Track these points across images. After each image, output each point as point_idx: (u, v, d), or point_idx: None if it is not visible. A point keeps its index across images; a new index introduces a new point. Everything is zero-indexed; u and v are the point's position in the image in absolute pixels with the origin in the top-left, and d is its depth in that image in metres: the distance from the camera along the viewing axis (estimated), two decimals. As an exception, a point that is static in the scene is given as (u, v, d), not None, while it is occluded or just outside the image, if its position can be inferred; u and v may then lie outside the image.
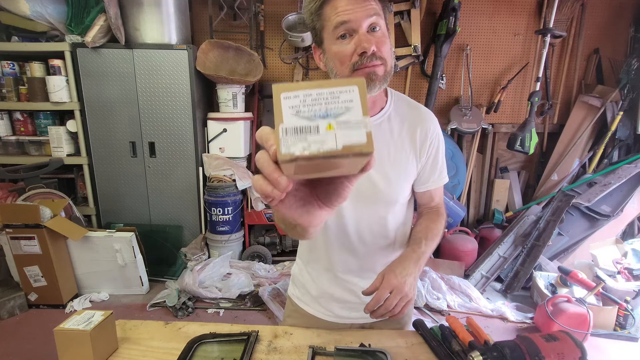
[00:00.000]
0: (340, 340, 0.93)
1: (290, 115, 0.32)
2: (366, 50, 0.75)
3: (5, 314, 2.30)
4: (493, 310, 2.44)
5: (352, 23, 0.75)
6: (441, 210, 1.00)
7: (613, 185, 2.80)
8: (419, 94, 3.26)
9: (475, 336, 0.89)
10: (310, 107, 0.32)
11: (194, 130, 2.81)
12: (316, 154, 0.31)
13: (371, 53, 0.75)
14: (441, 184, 0.98)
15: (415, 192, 0.98)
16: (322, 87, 0.33)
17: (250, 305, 2.50)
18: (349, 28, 0.76)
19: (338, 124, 0.32)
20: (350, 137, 0.32)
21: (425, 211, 1.00)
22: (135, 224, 2.79)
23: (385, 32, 0.79)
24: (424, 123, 0.93)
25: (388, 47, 0.79)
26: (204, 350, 0.89)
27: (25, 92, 2.75)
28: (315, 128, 0.32)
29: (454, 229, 3.10)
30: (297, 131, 0.32)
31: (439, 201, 1.01)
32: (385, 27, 0.79)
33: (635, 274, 2.37)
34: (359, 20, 0.75)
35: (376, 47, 0.76)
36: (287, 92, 0.33)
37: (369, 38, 0.75)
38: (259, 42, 3.10)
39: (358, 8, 0.74)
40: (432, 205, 1.00)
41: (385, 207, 0.92)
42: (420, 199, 1.00)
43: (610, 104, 3.05)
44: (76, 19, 2.61)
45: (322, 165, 0.34)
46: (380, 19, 0.77)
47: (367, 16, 0.75)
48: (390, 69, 0.81)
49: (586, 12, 3.09)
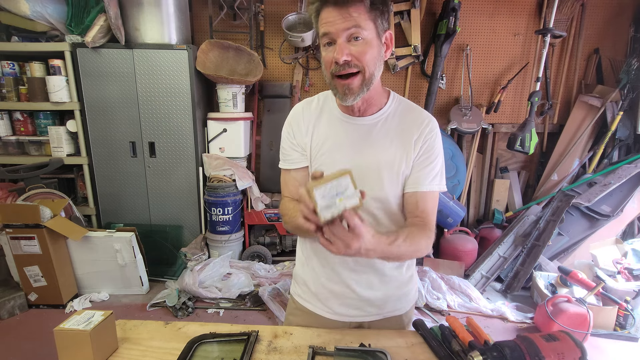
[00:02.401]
0: (340, 340, 0.93)
1: (320, 198, 0.67)
2: (337, 60, 0.81)
3: (5, 314, 2.30)
4: (493, 310, 2.44)
5: (332, 34, 0.81)
6: (428, 225, 0.90)
7: (613, 185, 2.80)
8: (419, 94, 3.26)
9: (475, 336, 0.89)
10: (329, 192, 0.67)
11: (194, 130, 2.81)
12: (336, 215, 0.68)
13: (342, 62, 0.81)
14: (431, 190, 0.92)
15: (404, 193, 0.95)
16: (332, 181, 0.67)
17: (250, 305, 2.50)
18: (330, 38, 0.82)
19: (344, 197, 0.68)
20: (351, 202, 0.68)
21: (412, 222, 0.92)
22: (135, 224, 2.79)
23: (370, 40, 0.82)
24: (421, 125, 0.94)
25: (371, 55, 0.83)
26: (204, 350, 0.89)
27: (25, 92, 2.75)
28: (334, 203, 0.68)
29: (454, 229, 3.10)
30: (326, 207, 0.67)
31: (426, 210, 0.92)
32: (373, 34, 0.82)
33: (635, 274, 2.37)
34: (338, 32, 0.80)
35: (353, 56, 0.81)
36: (316, 188, 0.67)
37: (342, 49, 0.80)
38: (259, 42, 3.10)
39: (337, 20, 0.79)
40: (417, 214, 0.92)
41: (377, 203, 0.94)
42: (407, 204, 0.94)
43: (610, 104, 3.05)
44: (76, 19, 2.61)
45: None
46: (363, 30, 0.80)
47: (345, 29, 0.80)
48: (370, 76, 0.84)
49: (586, 12, 3.09)
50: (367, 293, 1.00)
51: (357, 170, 0.77)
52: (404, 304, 1.05)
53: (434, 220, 0.94)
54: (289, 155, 1.01)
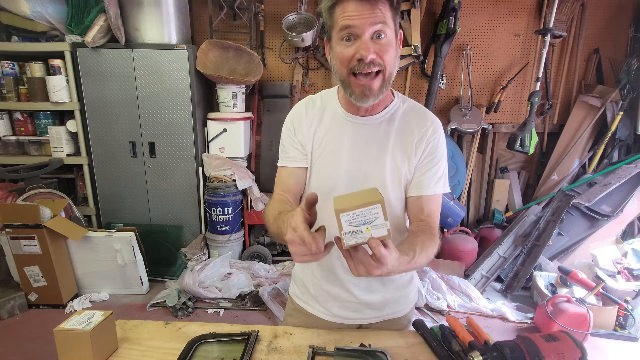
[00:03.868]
0: (340, 340, 0.93)
1: (346, 224, 0.62)
2: (364, 58, 0.76)
3: (5, 314, 2.30)
4: (493, 310, 2.44)
5: (356, 28, 0.76)
6: (434, 230, 0.88)
7: (613, 185, 2.80)
8: (419, 94, 3.26)
9: (475, 336, 0.89)
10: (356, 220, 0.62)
11: (194, 130, 2.81)
12: (361, 243, 0.63)
13: (369, 61, 0.76)
14: (435, 193, 0.91)
15: (406, 197, 0.94)
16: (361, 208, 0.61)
17: (250, 305, 2.50)
18: (353, 32, 0.77)
19: (372, 227, 0.62)
20: (379, 232, 0.62)
21: (419, 226, 0.89)
22: (135, 224, 2.79)
23: (391, 40, 0.79)
24: (423, 126, 0.91)
25: (391, 55, 0.79)
26: (204, 350, 0.89)
27: (25, 92, 2.75)
28: (360, 231, 0.62)
29: (454, 229, 3.10)
30: (351, 233, 0.62)
31: (430, 215, 0.90)
32: (393, 34, 0.79)
33: (635, 274, 2.37)
34: (363, 27, 0.75)
35: (377, 55, 0.77)
36: (343, 213, 0.61)
37: (369, 46, 0.75)
38: (259, 42, 3.10)
39: (365, 14, 0.74)
40: (422, 218, 0.90)
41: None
42: (410, 208, 0.93)
43: (610, 104, 3.05)
44: (76, 19, 2.61)
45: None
46: (387, 28, 0.77)
47: (372, 24, 0.75)
48: (390, 76, 0.81)
49: (586, 12, 3.09)
50: (366, 296, 0.99)
51: (360, 172, 0.77)
52: (403, 306, 1.04)
53: (438, 222, 0.94)
54: (288, 152, 0.98)
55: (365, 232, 0.62)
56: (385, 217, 0.62)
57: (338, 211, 0.61)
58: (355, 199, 0.64)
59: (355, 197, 0.65)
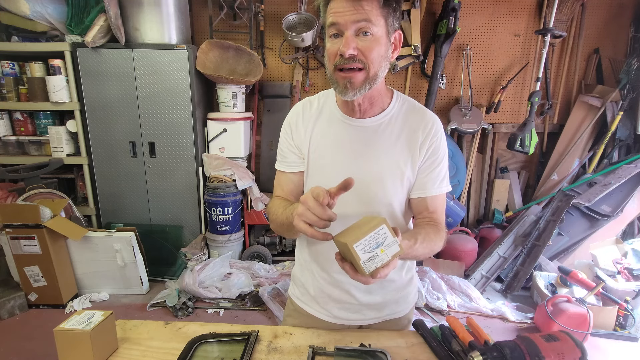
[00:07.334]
0: (340, 340, 0.93)
1: (362, 253, 0.64)
2: (342, 53, 0.77)
3: (5, 314, 2.30)
4: (493, 310, 2.44)
5: (340, 25, 0.78)
6: (440, 225, 0.92)
7: (613, 185, 2.80)
8: (419, 94, 3.26)
9: (475, 336, 0.89)
10: (369, 245, 0.64)
11: (194, 130, 2.81)
12: (380, 266, 0.65)
13: (348, 56, 0.77)
14: (439, 193, 0.93)
15: (410, 198, 0.94)
16: (369, 233, 0.64)
17: (250, 305, 2.50)
18: (338, 29, 0.79)
19: (385, 247, 0.65)
20: (392, 250, 0.66)
21: (423, 221, 0.92)
22: (135, 224, 2.79)
23: (379, 37, 0.79)
24: (425, 127, 0.91)
25: (377, 53, 0.79)
26: (204, 350, 0.89)
27: (25, 92, 2.75)
28: (375, 255, 0.65)
29: (454, 229, 3.10)
30: (369, 260, 0.65)
31: (436, 211, 0.93)
32: (382, 32, 0.79)
33: (635, 274, 2.37)
34: (347, 24, 0.77)
35: (360, 52, 0.78)
36: (355, 243, 0.64)
37: (349, 42, 0.77)
38: (259, 42, 3.10)
39: (348, 12, 0.76)
40: (426, 215, 0.93)
41: (380, 208, 0.91)
42: (415, 207, 0.94)
43: (610, 104, 3.05)
44: (76, 19, 2.61)
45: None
46: (373, 25, 0.77)
47: (355, 21, 0.76)
48: (375, 74, 0.81)
49: (586, 12, 3.09)
50: (366, 298, 0.99)
51: (358, 176, 0.76)
52: (403, 307, 1.04)
53: (444, 217, 0.95)
54: (286, 157, 0.98)
55: (381, 254, 0.65)
56: (392, 234, 0.65)
57: (351, 243, 0.63)
58: (358, 228, 0.67)
59: (356, 228, 0.68)
